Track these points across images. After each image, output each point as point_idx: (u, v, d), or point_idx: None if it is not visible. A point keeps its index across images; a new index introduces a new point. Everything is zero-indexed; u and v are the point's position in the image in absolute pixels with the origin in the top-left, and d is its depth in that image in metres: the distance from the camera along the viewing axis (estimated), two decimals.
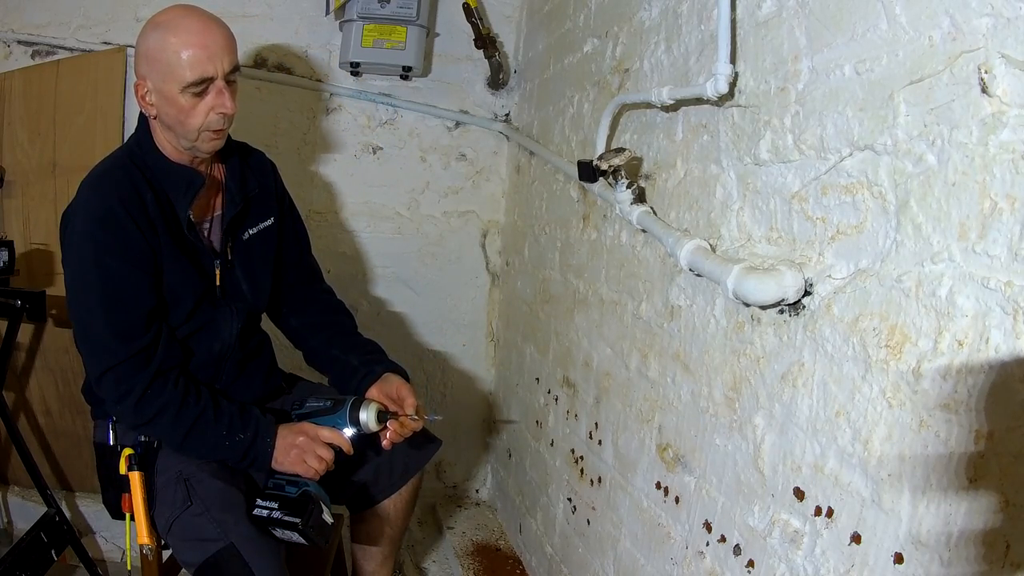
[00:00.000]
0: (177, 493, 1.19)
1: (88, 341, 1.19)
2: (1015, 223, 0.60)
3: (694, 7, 1.11)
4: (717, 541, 1.02)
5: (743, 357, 0.96)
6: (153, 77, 1.18)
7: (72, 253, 1.18)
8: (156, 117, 1.23)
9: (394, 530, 1.50)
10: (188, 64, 1.16)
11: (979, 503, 0.63)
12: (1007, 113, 0.60)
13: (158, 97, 1.20)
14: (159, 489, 1.21)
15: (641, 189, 1.24)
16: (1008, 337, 0.60)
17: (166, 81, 1.17)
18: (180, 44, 1.16)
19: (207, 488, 1.19)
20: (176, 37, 1.17)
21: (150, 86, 1.19)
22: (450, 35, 2.11)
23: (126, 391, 1.17)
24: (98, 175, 1.22)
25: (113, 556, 1.97)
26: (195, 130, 1.21)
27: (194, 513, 1.17)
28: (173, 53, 1.16)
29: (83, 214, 1.17)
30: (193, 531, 1.16)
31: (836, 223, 0.81)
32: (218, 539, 1.13)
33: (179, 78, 1.17)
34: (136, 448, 1.21)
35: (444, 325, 2.27)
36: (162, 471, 1.22)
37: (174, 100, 1.18)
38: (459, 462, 2.36)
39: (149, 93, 1.20)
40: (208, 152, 1.28)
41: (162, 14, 1.21)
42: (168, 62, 1.16)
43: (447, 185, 2.21)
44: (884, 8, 0.73)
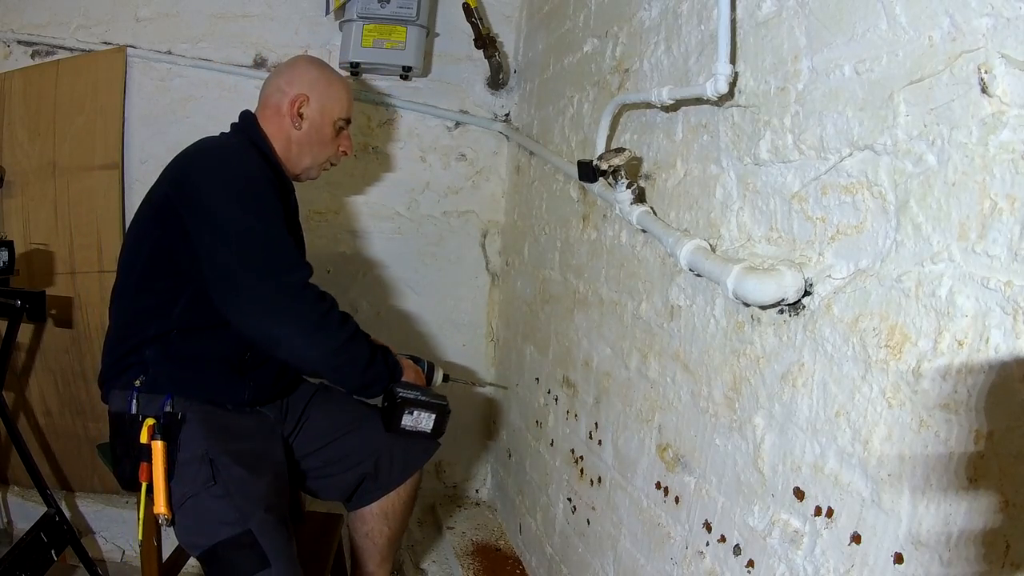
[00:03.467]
0: (200, 471, 1.18)
1: (275, 258, 1.22)
2: (1015, 223, 0.60)
3: (694, 7, 1.11)
4: (717, 541, 1.02)
5: (743, 357, 0.96)
6: (318, 98, 1.42)
7: (237, 186, 1.24)
8: (299, 129, 1.41)
9: (393, 529, 1.52)
10: (346, 103, 1.46)
11: (979, 503, 0.63)
12: (1007, 113, 0.60)
13: (314, 115, 1.42)
14: (180, 463, 1.19)
15: (641, 189, 1.24)
16: (1008, 337, 0.60)
17: (326, 108, 1.43)
18: (342, 86, 1.47)
19: (231, 473, 1.20)
20: (339, 80, 1.48)
21: (312, 104, 1.41)
22: (450, 35, 2.11)
23: (330, 303, 1.27)
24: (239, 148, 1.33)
25: (113, 556, 1.97)
26: (323, 157, 1.47)
27: (215, 494, 1.17)
28: (338, 89, 1.45)
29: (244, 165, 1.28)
30: (211, 511, 1.17)
31: (836, 223, 0.81)
32: (236, 523, 1.15)
33: (338, 110, 1.45)
34: (159, 419, 1.20)
35: (444, 325, 2.27)
36: (185, 446, 1.20)
37: (324, 126, 1.43)
38: (459, 462, 2.36)
39: (307, 108, 1.41)
40: (312, 178, 1.51)
41: (315, 58, 1.52)
42: (334, 94, 1.44)
43: (447, 185, 2.21)
44: (884, 8, 0.73)
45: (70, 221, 1.95)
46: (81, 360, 1.97)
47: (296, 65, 1.46)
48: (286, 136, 1.41)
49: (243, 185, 1.24)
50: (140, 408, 1.22)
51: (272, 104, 1.42)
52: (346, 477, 1.45)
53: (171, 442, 1.20)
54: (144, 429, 1.18)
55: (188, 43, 1.99)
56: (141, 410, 1.22)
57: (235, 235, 1.20)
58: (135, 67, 1.97)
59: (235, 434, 1.27)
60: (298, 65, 1.46)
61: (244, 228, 1.20)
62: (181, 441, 1.21)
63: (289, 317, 1.21)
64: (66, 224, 1.95)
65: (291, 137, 1.41)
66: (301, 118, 1.40)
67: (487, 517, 2.23)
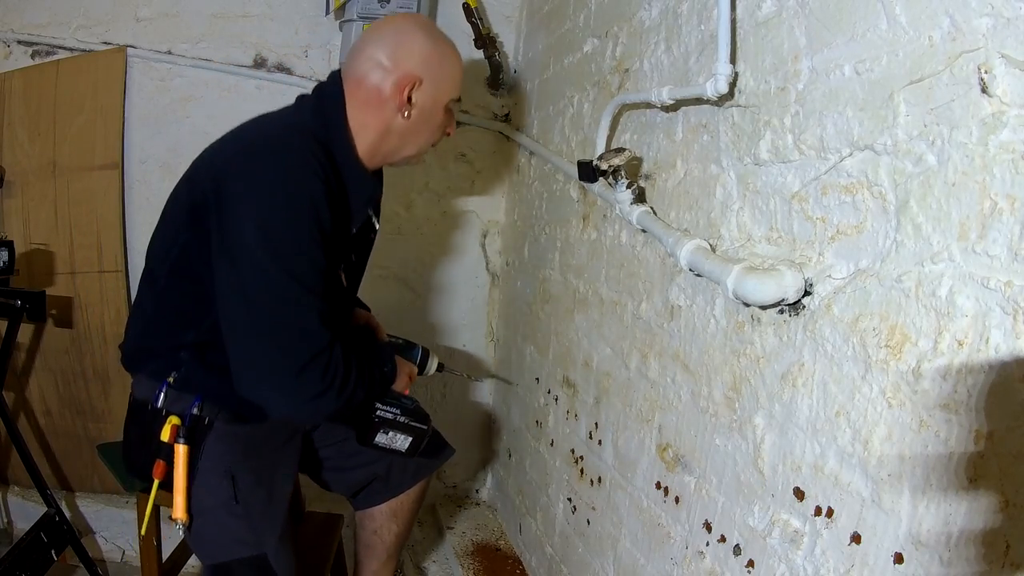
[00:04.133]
0: (222, 486, 1.15)
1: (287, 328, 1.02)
2: (1015, 223, 0.60)
3: (694, 7, 1.11)
4: (717, 541, 1.02)
5: (743, 357, 0.96)
6: (432, 80, 1.16)
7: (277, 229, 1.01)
8: (407, 118, 1.16)
9: (401, 527, 1.51)
10: (460, 79, 1.21)
11: (979, 503, 0.63)
12: (1007, 113, 0.60)
13: (426, 101, 1.16)
14: (201, 471, 1.15)
15: (641, 189, 1.24)
16: (1008, 337, 0.60)
17: (441, 89, 1.18)
18: (457, 59, 1.20)
19: (252, 493, 1.17)
20: (453, 50, 1.20)
21: (426, 87, 1.15)
22: (450, 35, 2.08)
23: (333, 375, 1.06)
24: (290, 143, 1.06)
25: (113, 556, 1.97)
26: (427, 143, 1.24)
27: (235, 513, 1.15)
28: (453, 65, 1.19)
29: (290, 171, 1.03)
30: (228, 528, 1.16)
31: (836, 223, 0.81)
32: (253, 546, 1.15)
33: (453, 90, 1.20)
34: (184, 419, 1.13)
35: (444, 325, 2.27)
36: (208, 455, 1.15)
37: (437, 109, 1.19)
38: (459, 462, 2.36)
39: (419, 93, 1.15)
40: (413, 164, 1.31)
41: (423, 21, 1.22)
42: (449, 72, 1.18)
43: (447, 185, 2.21)
44: (884, 8, 0.73)
45: (70, 221, 1.95)
46: (81, 360, 1.97)
47: (404, 33, 1.15)
48: (385, 127, 1.16)
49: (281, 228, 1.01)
50: (167, 403, 1.15)
51: (368, 85, 1.14)
52: (357, 474, 1.45)
53: (194, 447, 1.15)
54: (167, 427, 1.12)
55: (188, 43, 1.99)
56: (167, 405, 1.15)
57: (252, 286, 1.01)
58: (135, 67, 1.97)
59: (258, 447, 1.22)
60: (407, 33, 1.15)
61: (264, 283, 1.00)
62: (205, 448, 1.16)
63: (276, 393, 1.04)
64: (66, 224, 1.95)
65: (391, 128, 1.16)
66: (411, 104, 1.15)
67: (487, 517, 2.23)
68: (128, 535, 1.95)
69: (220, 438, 1.16)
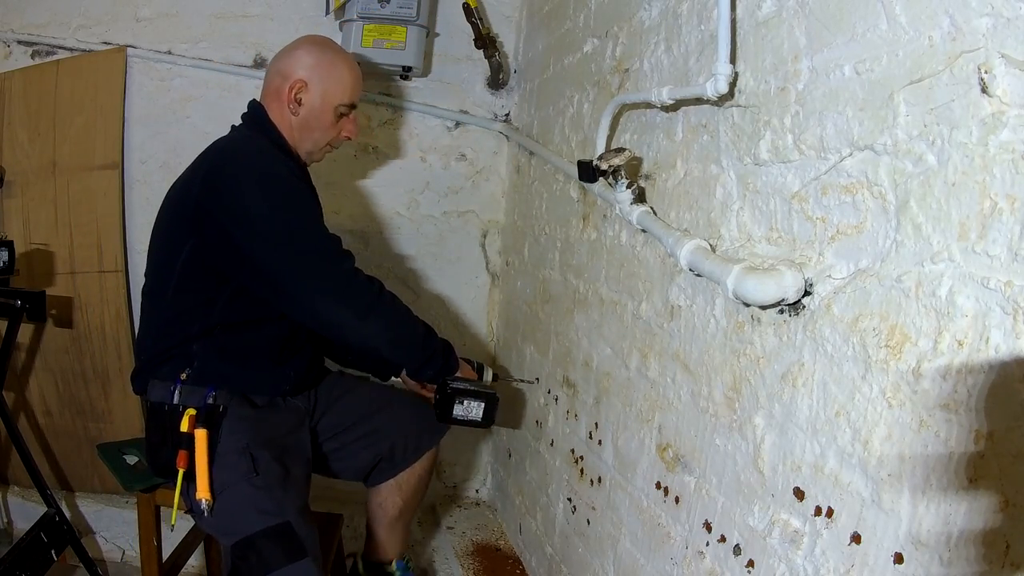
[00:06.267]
0: (241, 462, 1.23)
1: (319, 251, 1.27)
2: (1015, 223, 0.60)
3: (694, 7, 1.11)
4: (717, 541, 1.02)
5: (743, 357, 0.96)
6: (317, 83, 1.39)
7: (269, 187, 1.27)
8: (296, 115, 1.40)
9: (406, 500, 1.58)
10: (349, 87, 1.42)
11: (979, 503, 0.63)
12: (1007, 113, 0.60)
13: (313, 101, 1.39)
14: (221, 453, 1.23)
15: (641, 189, 1.24)
16: (1008, 337, 0.60)
17: (327, 93, 1.40)
18: (346, 69, 1.42)
19: (270, 467, 1.24)
20: (344, 63, 1.43)
21: (311, 90, 1.39)
22: (450, 35, 2.11)
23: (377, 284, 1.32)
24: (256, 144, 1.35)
25: (113, 556, 1.97)
26: (321, 140, 1.44)
27: (256, 485, 1.22)
28: (340, 73, 1.41)
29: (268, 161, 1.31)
30: (250, 501, 1.21)
31: (836, 223, 0.81)
32: (275, 514, 1.20)
33: (339, 96, 1.41)
34: (200, 410, 1.24)
35: (444, 325, 2.27)
36: (226, 437, 1.25)
37: (324, 112, 1.41)
38: (459, 462, 2.36)
39: (305, 95, 1.39)
40: (316, 161, 1.50)
41: (321, 39, 1.47)
42: (336, 78, 1.40)
43: (447, 185, 2.21)
44: (884, 8, 0.73)
45: (70, 221, 1.95)
46: (81, 360, 1.97)
47: (297, 48, 1.42)
48: (288, 122, 1.41)
49: (272, 184, 1.27)
50: (182, 399, 1.26)
51: (272, 89, 1.41)
52: (362, 458, 1.52)
53: (212, 431, 1.23)
54: (185, 419, 1.22)
55: (188, 43, 1.99)
56: (183, 400, 1.26)
57: (276, 235, 1.24)
58: (135, 67, 1.97)
59: (273, 430, 1.31)
60: (299, 48, 1.42)
61: (283, 227, 1.25)
62: (222, 431, 1.25)
63: (344, 304, 1.27)
64: (66, 224, 1.95)
65: (291, 123, 1.41)
66: (299, 104, 1.39)
67: (487, 517, 2.23)
68: (128, 535, 1.95)
69: (235, 421, 1.26)
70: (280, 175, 1.29)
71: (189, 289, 1.29)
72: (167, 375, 1.29)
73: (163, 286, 1.32)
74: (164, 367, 1.30)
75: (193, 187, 1.27)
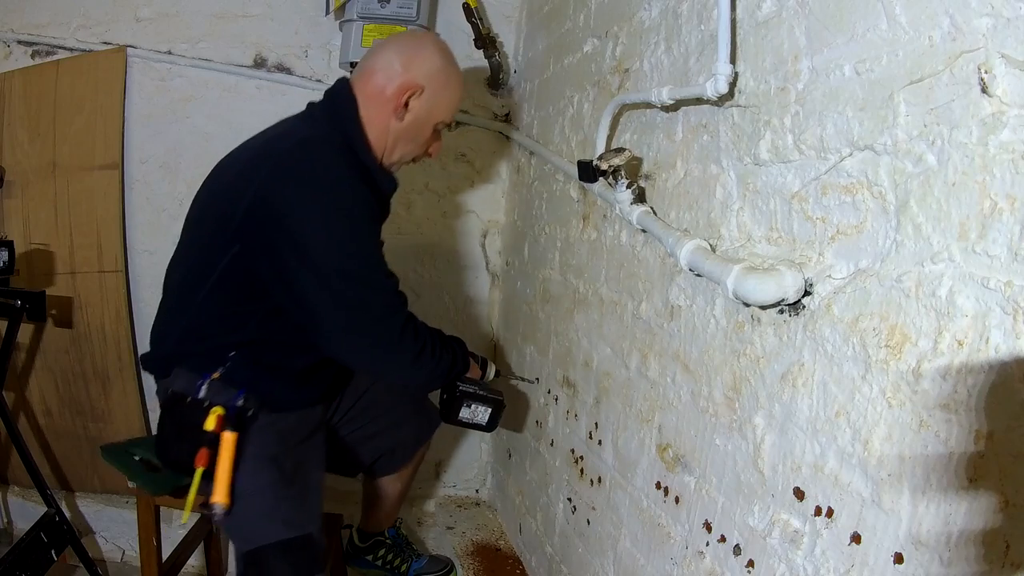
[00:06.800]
0: (268, 470, 1.21)
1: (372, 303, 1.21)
2: (1015, 223, 0.60)
3: (694, 7, 1.11)
4: (717, 541, 1.02)
5: (743, 357, 0.96)
6: (432, 94, 1.27)
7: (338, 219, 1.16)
8: (401, 121, 1.27)
9: (405, 484, 1.69)
10: (456, 106, 1.35)
11: (979, 503, 0.63)
12: (1007, 113, 0.60)
13: (421, 111, 1.28)
14: (247, 457, 1.20)
15: (641, 189, 1.24)
16: (1008, 337, 0.60)
17: (436, 107, 1.29)
18: (459, 87, 1.33)
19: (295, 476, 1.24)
20: (460, 78, 1.33)
21: (424, 98, 1.27)
22: (450, 35, 2.11)
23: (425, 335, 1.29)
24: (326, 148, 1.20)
25: (113, 556, 1.97)
26: (410, 154, 1.34)
27: (281, 496, 1.21)
28: (454, 90, 1.32)
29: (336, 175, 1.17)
30: (274, 510, 1.20)
31: (836, 223, 0.81)
32: (299, 527, 1.20)
33: (446, 113, 1.32)
34: (228, 410, 1.19)
35: (444, 325, 2.26)
36: (253, 442, 1.21)
37: (426, 123, 1.31)
38: (459, 462, 2.36)
39: (416, 101, 1.27)
40: (396, 169, 1.38)
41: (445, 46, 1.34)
42: (449, 95, 1.31)
43: (447, 185, 2.21)
44: (884, 8, 0.73)
45: (70, 221, 1.95)
46: (81, 360, 1.97)
47: (422, 47, 1.28)
48: (384, 126, 1.27)
49: (340, 218, 1.15)
50: (209, 394, 1.20)
51: (377, 83, 1.26)
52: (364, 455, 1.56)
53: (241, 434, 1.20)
54: (211, 417, 1.17)
55: (188, 43, 1.99)
56: (210, 396, 1.20)
57: (331, 277, 1.15)
58: (135, 67, 1.97)
59: (297, 437, 1.29)
60: (424, 48, 1.28)
61: (341, 269, 1.15)
62: (250, 436, 1.21)
63: (383, 361, 1.25)
64: (66, 224, 1.95)
65: (389, 128, 1.28)
66: (407, 109, 1.26)
67: (487, 517, 2.23)
68: (128, 535, 1.95)
69: (263, 428, 1.23)
70: (354, 205, 1.17)
71: (226, 297, 1.22)
72: (196, 367, 1.22)
73: (197, 285, 1.23)
74: (191, 360, 1.24)
75: (248, 191, 1.15)
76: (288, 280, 1.16)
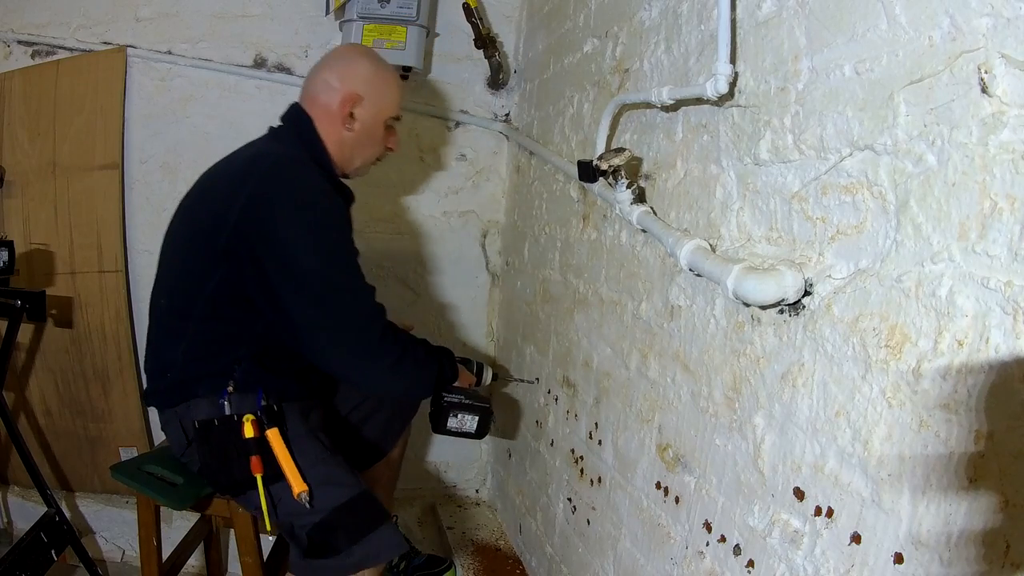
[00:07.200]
0: (312, 446, 1.28)
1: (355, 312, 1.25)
2: (1015, 223, 0.60)
3: (694, 7, 1.11)
4: (717, 541, 1.02)
5: (743, 357, 0.96)
6: (372, 98, 1.35)
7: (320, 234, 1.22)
8: (351, 132, 1.35)
9: (394, 470, 1.74)
10: (398, 99, 1.40)
11: (979, 503, 0.63)
12: (1007, 113, 0.60)
13: (367, 117, 1.35)
14: (292, 442, 1.25)
15: (641, 189, 1.24)
16: (1008, 337, 0.60)
17: (381, 108, 1.37)
18: (395, 81, 1.39)
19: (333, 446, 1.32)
20: (393, 74, 1.40)
21: (366, 105, 1.34)
22: (450, 35, 2.11)
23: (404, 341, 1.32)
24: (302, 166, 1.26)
25: (113, 556, 1.97)
26: (372, 156, 1.42)
27: (332, 463, 1.27)
28: (392, 87, 1.38)
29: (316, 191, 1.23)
30: (331, 476, 1.25)
31: (836, 223, 0.81)
32: (354, 485, 1.26)
33: (391, 109, 1.39)
34: (257, 413, 1.24)
35: (444, 326, 2.27)
36: (292, 427, 1.28)
37: (376, 125, 1.37)
38: (459, 462, 2.36)
39: (360, 110, 1.34)
40: (360, 175, 1.46)
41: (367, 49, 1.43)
42: (388, 92, 1.37)
43: (447, 185, 2.21)
44: (884, 8, 0.73)
45: (70, 221, 1.95)
46: (81, 360, 1.97)
47: (348, 59, 1.36)
48: (338, 139, 1.35)
49: (320, 227, 1.21)
50: (234, 408, 1.24)
51: (321, 103, 1.34)
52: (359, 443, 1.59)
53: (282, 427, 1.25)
54: (247, 425, 1.22)
55: (188, 43, 1.99)
56: (236, 410, 1.24)
57: (317, 288, 1.20)
58: (135, 67, 1.97)
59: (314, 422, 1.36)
60: (351, 59, 1.36)
61: (326, 281, 1.21)
62: (288, 425, 1.27)
63: (364, 368, 1.27)
64: (66, 224, 1.95)
65: (343, 140, 1.35)
66: (353, 119, 1.34)
67: (487, 517, 2.23)
68: (128, 535, 1.95)
69: (292, 414, 1.30)
70: (330, 217, 1.24)
71: (219, 317, 1.25)
72: (209, 390, 1.26)
73: (186, 310, 1.26)
74: (202, 385, 1.26)
75: (231, 214, 1.19)
76: (273, 295, 1.20)
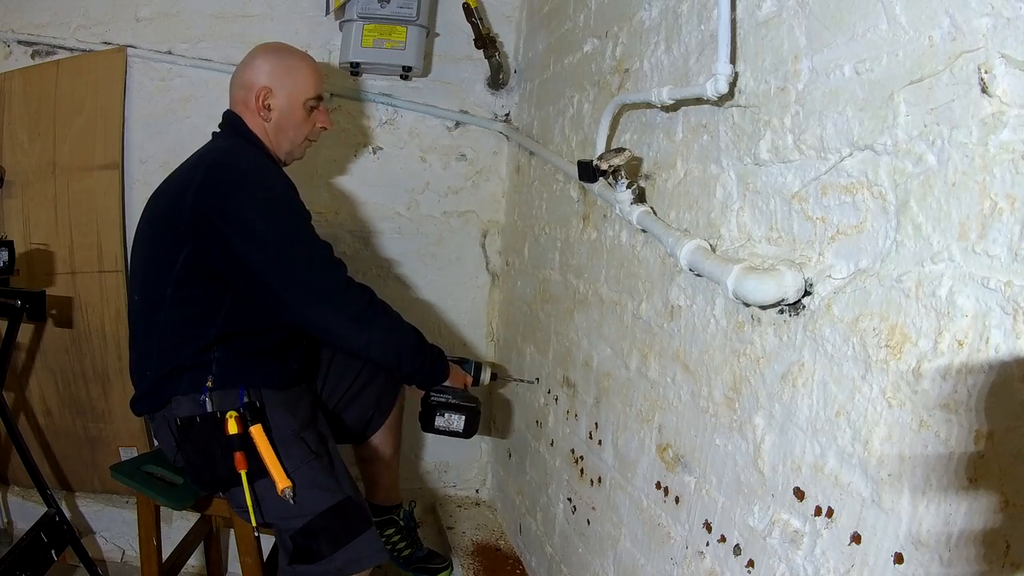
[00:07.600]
0: (296, 447, 1.29)
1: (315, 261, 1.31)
2: (1015, 223, 0.60)
3: (694, 7, 1.11)
4: (717, 541, 1.02)
5: (743, 357, 0.96)
6: (280, 86, 1.43)
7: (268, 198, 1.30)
8: (269, 121, 1.44)
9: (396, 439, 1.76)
10: (312, 82, 1.47)
11: (979, 503, 0.63)
12: (1007, 113, 0.60)
13: (282, 104, 1.44)
14: (276, 443, 1.27)
15: (641, 189, 1.24)
16: (1008, 337, 0.60)
17: (293, 92, 1.44)
18: (304, 67, 1.47)
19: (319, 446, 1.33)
20: (301, 60, 1.48)
21: (277, 94, 1.43)
22: (450, 35, 2.11)
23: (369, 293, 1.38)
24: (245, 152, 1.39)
25: (113, 556, 1.97)
26: (300, 137, 1.49)
27: (315, 467, 1.29)
28: (300, 72, 1.45)
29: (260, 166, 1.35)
30: (315, 480, 1.28)
31: (836, 223, 0.81)
32: (338, 490, 1.29)
33: (304, 92, 1.45)
34: (240, 409, 1.27)
35: (444, 325, 2.27)
36: (275, 427, 1.30)
37: (294, 110, 1.45)
38: (459, 462, 2.36)
39: (272, 100, 1.43)
40: (299, 158, 1.55)
41: (273, 45, 1.50)
42: (296, 78, 1.45)
43: (447, 185, 2.21)
44: (884, 8, 0.73)
45: (70, 221, 1.95)
46: (81, 360, 1.97)
47: (252, 58, 1.47)
48: (263, 128, 1.45)
49: (270, 194, 1.31)
50: (216, 405, 1.27)
51: (240, 101, 1.45)
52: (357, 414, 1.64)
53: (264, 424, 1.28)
54: (230, 421, 1.24)
55: (188, 43, 1.99)
56: (217, 407, 1.27)
57: (275, 245, 1.27)
58: (135, 67, 1.97)
59: (304, 412, 1.38)
60: (255, 58, 1.47)
61: (282, 237, 1.28)
62: (272, 424, 1.30)
63: (337, 313, 1.31)
64: (66, 224, 1.95)
65: (266, 129, 1.45)
66: (268, 109, 1.43)
67: (487, 517, 2.23)
68: (128, 535, 1.95)
69: (275, 410, 1.32)
70: (276, 184, 1.34)
71: (189, 298, 1.30)
72: (189, 387, 1.29)
73: (157, 299, 1.31)
74: (182, 381, 1.29)
75: (186, 198, 1.27)
76: (243, 262, 1.26)
